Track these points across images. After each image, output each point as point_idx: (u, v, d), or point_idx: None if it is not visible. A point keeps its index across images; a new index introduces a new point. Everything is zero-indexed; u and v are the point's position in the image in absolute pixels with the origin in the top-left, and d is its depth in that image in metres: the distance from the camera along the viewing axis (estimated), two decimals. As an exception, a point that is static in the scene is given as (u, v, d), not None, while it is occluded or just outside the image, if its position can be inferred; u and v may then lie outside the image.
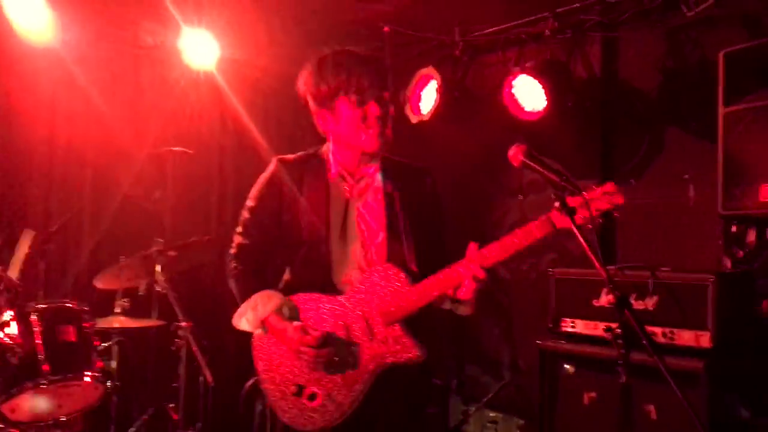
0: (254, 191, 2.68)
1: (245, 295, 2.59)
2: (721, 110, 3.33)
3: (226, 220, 4.99)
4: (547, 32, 4.22)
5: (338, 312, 2.52)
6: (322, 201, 2.57)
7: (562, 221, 2.19)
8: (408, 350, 2.44)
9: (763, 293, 3.45)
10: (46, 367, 3.31)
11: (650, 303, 3.53)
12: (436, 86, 4.59)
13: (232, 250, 2.68)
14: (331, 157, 2.62)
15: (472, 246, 2.35)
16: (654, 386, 3.47)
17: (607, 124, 4.48)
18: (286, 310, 2.55)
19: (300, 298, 2.57)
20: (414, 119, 4.70)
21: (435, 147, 4.75)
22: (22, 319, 3.34)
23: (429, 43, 4.90)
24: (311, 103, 2.57)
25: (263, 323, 2.56)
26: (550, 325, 3.93)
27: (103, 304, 4.04)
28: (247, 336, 2.62)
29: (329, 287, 2.55)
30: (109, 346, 3.96)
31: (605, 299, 3.71)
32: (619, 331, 1.93)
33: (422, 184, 2.67)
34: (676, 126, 4.19)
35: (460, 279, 2.36)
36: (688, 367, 3.29)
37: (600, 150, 4.46)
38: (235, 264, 2.65)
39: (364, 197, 2.59)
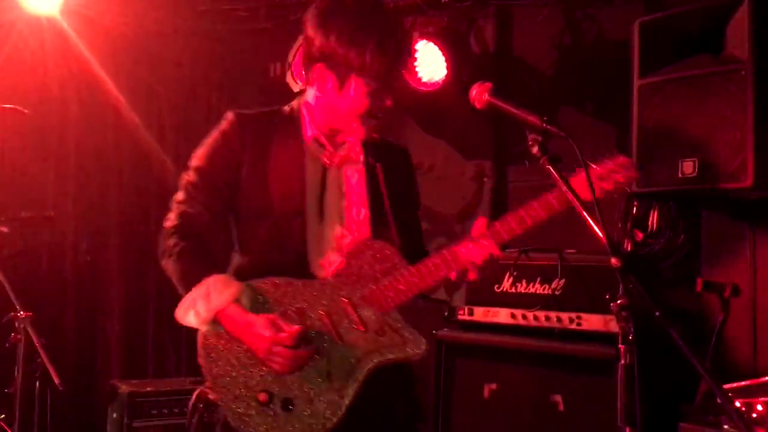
0: (203, 149, 2.17)
1: (191, 280, 2.03)
2: (636, 82, 3.15)
3: (67, 193, 4.25)
4: (445, -1, 3.92)
5: (317, 300, 2.05)
6: (297, 166, 2.13)
7: (585, 193, 1.89)
8: (412, 343, 2.04)
9: (669, 276, 3.36)
10: None
11: (557, 287, 3.35)
12: (322, 52, 4.14)
13: (170, 222, 2.13)
14: (306, 115, 2.18)
15: (481, 221, 2.03)
16: (561, 375, 3.31)
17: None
18: (245, 300, 2.04)
19: (265, 283, 2.07)
20: (296, 87, 4.25)
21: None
22: None
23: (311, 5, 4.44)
24: (313, 54, 2.09)
25: (217, 316, 2.01)
26: (445, 314, 3.65)
27: None
28: (89, 332, 2.01)
29: (302, 272, 2.09)
30: None
31: (508, 283, 3.49)
32: (625, 302, 1.59)
33: (403, 160, 2.36)
34: (572, 106, 4.05)
35: (471, 258, 2.00)
36: (599, 354, 3.12)
37: (493, 129, 4.24)
38: (175, 240, 2.09)
39: (343, 167, 2.19)
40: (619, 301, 1.58)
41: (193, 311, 2.00)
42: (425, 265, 2.03)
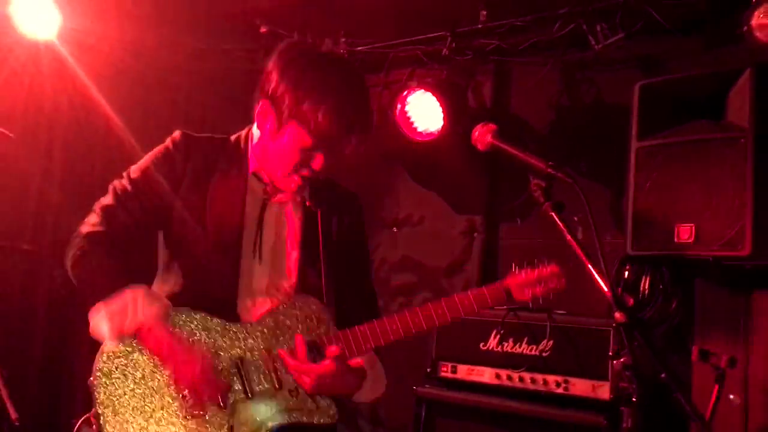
0: (143, 161, 2.07)
1: (106, 284, 1.87)
2: (634, 144, 3.13)
3: (46, 225, 4.12)
4: (446, 51, 3.91)
5: (234, 345, 1.95)
6: (237, 198, 2.03)
7: (520, 294, 2.18)
8: (322, 410, 1.98)
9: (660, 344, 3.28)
10: None
11: (545, 348, 3.25)
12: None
13: (88, 228, 2.00)
14: (251, 148, 2.10)
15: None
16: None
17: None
18: (170, 321, 1.92)
19: (182, 313, 1.95)
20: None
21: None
22: None
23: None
24: (265, 90, 1.99)
25: (139, 331, 1.86)
26: (428, 370, 3.53)
27: None
28: (56, 367, 1.87)
29: (227, 310, 1.99)
30: None
31: (494, 341, 3.38)
32: (629, 361, 1.49)
33: (350, 208, 2.24)
34: (566, 165, 4.00)
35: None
36: (587, 421, 3.01)
37: (486, 185, 4.19)
38: (87, 243, 1.95)
39: (282, 203, 2.11)
40: (622, 359, 1.49)
41: (108, 319, 1.84)
42: (354, 332, 1.98)
